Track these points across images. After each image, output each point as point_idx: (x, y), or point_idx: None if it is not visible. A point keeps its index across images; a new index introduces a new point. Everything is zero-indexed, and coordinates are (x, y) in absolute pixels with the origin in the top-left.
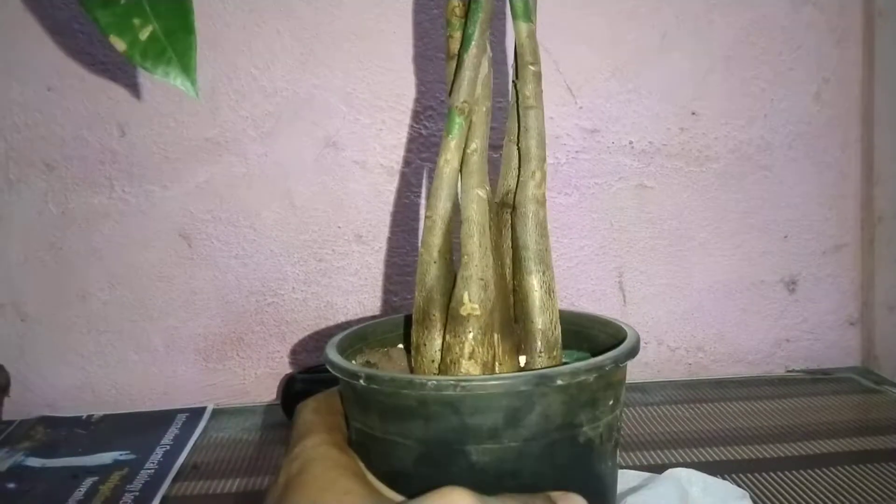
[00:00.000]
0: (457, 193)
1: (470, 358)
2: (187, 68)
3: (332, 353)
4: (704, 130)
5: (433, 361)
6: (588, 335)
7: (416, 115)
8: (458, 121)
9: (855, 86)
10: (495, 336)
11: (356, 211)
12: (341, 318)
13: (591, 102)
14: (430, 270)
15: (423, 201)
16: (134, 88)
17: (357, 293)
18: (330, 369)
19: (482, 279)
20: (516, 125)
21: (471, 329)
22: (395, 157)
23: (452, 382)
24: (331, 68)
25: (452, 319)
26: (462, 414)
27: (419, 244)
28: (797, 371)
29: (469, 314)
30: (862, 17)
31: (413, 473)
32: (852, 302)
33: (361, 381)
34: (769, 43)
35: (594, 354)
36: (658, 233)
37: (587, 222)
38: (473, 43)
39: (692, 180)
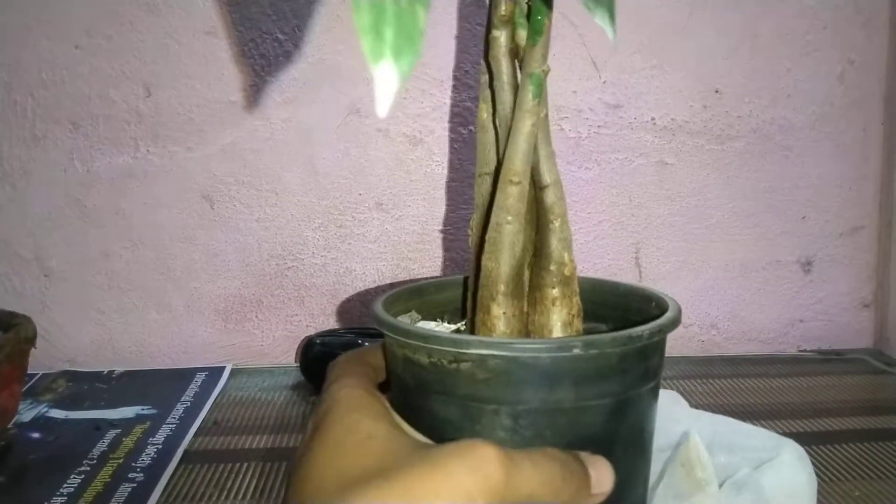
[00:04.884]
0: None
1: (579, 315)
2: (611, 6)
3: (516, 341)
4: (727, 109)
5: (518, 332)
6: None
7: (440, 85)
8: (543, 83)
9: (879, 68)
10: None
11: (377, 178)
12: (359, 285)
13: (616, 77)
14: (521, 237)
15: (443, 170)
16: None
17: (375, 260)
18: (507, 354)
19: (570, 240)
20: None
21: (575, 288)
22: (417, 125)
23: (657, 328)
24: (356, 35)
25: (558, 283)
26: (646, 360)
27: (499, 211)
28: (809, 351)
29: (571, 274)
30: (889, 0)
31: (603, 431)
32: (867, 284)
33: (577, 350)
34: (795, 23)
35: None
36: (676, 210)
37: (606, 197)
38: (551, 11)
39: (713, 158)
